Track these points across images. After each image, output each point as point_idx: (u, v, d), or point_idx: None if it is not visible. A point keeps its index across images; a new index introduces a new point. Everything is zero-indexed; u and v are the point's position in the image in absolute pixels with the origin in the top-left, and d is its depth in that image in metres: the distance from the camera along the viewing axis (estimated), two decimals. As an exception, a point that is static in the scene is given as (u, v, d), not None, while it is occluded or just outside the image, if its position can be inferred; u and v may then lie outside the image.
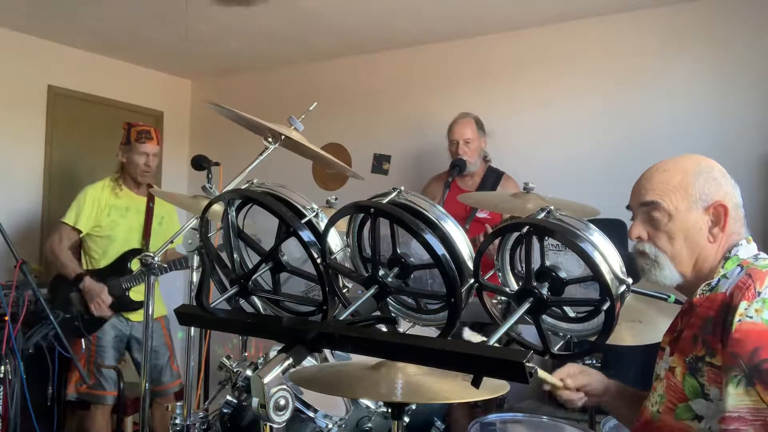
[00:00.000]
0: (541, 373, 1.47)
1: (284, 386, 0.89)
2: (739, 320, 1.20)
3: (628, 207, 1.45)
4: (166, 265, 3.19)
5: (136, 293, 3.25)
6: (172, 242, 1.97)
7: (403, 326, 1.19)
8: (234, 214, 1.13)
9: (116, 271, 3.26)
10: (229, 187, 1.70)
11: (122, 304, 3.25)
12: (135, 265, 3.26)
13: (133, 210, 3.36)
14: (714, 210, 1.33)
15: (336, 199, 2.31)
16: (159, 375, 3.36)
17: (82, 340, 3.19)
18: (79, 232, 3.27)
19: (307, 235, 1.02)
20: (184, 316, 1.18)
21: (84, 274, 3.21)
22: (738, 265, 1.31)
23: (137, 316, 3.28)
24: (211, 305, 1.13)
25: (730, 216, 1.33)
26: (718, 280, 1.32)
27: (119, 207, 3.33)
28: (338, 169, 2.17)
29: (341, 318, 1.03)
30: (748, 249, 1.34)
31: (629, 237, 1.40)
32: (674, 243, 1.35)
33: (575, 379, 1.57)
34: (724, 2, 3.36)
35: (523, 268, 1.01)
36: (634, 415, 1.46)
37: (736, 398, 1.17)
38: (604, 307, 0.95)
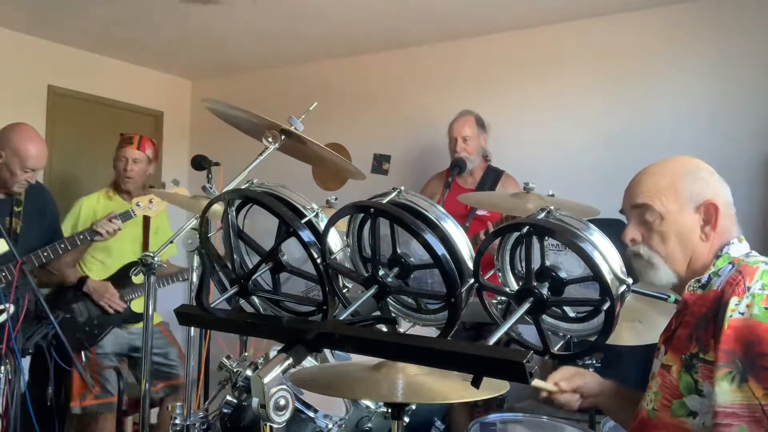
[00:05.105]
0: (535, 382, 1.47)
1: (284, 386, 0.89)
2: (731, 316, 1.21)
3: (621, 211, 1.48)
4: (167, 278, 3.22)
5: (138, 305, 3.21)
6: (172, 242, 1.98)
7: (403, 326, 1.19)
8: (234, 214, 1.13)
9: (117, 284, 3.21)
10: (229, 187, 1.70)
11: (124, 317, 3.22)
12: (138, 278, 3.23)
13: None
14: (705, 209, 1.36)
15: (336, 199, 2.31)
16: (177, 371, 3.33)
17: (83, 352, 3.14)
18: None
19: (307, 235, 1.02)
20: (184, 316, 1.18)
21: (86, 277, 3.17)
22: (729, 262, 1.33)
23: (137, 325, 3.25)
24: (211, 305, 1.13)
25: (721, 214, 1.35)
26: (709, 277, 1.34)
27: None
28: (340, 165, 2.17)
29: (341, 318, 1.03)
30: (739, 247, 1.36)
31: (623, 240, 1.42)
32: (667, 243, 1.38)
33: (570, 381, 1.58)
34: (724, 2, 3.36)
35: (523, 268, 1.01)
36: (631, 415, 1.47)
37: (729, 394, 1.18)
38: (604, 307, 0.96)
